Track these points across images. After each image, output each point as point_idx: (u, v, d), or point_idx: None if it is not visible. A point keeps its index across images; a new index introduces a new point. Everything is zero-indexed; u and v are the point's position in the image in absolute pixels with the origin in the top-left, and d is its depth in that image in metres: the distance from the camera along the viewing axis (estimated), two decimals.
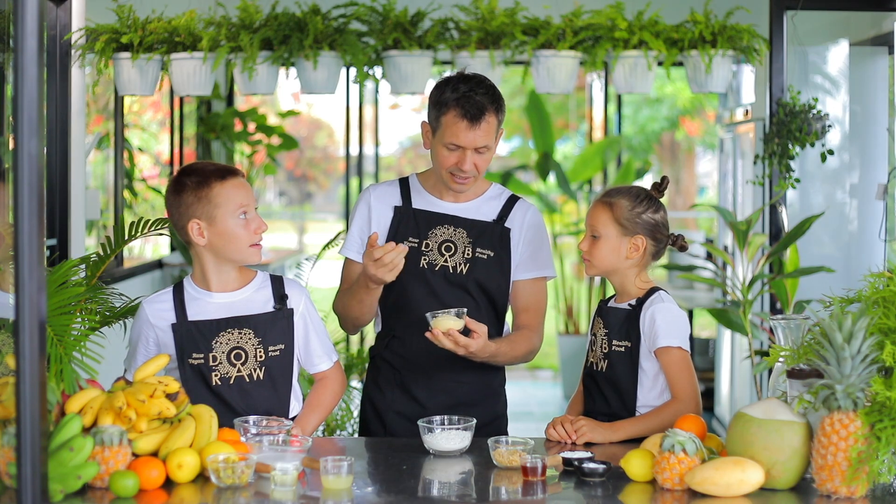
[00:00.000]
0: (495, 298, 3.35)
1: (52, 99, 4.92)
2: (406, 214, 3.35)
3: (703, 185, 16.55)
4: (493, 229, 3.34)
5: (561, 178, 9.43)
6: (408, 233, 3.33)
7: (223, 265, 3.09)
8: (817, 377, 2.56)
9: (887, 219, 5.12)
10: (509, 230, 3.35)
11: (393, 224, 3.35)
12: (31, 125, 2.09)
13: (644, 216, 3.09)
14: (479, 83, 3.23)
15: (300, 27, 4.99)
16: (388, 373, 3.40)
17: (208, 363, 3.04)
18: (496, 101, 3.23)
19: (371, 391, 3.45)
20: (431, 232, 3.33)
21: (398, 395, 3.38)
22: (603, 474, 2.65)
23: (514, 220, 3.36)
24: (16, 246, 2.09)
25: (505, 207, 3.37)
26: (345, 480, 2.56)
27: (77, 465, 2.44)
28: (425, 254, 3.32)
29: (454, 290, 3.31)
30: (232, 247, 3.05)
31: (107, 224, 6.39)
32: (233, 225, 3.03)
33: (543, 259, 3.39)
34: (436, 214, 3.34)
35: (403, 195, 3.37)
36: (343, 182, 12.76)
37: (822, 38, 5.63)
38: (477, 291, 3.32)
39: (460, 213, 3.35)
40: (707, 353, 8.36)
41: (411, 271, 3.28)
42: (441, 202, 3.36)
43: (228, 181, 3.04)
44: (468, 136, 3.19)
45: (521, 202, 3.40)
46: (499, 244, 3.34)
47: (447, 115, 3.20)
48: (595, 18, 4.99)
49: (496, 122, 3.24)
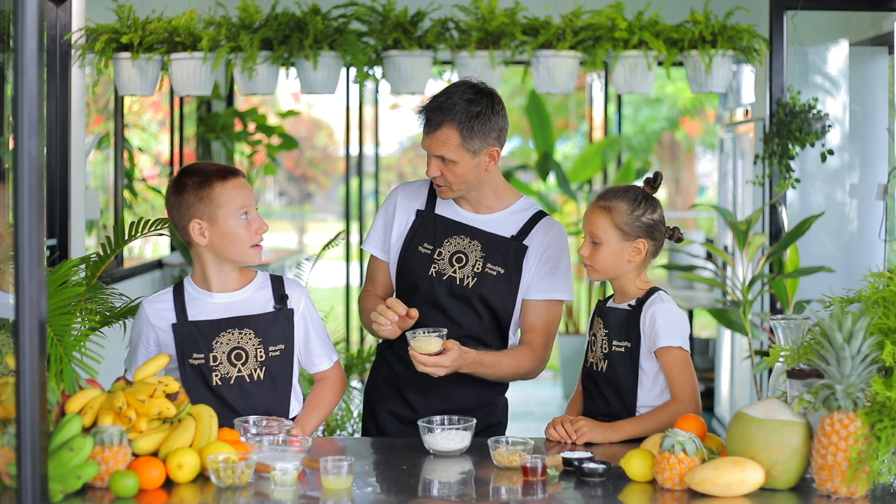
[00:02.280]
0: (499, 314, 3.31)
1: (52, 99, 4.91)
2: (426, 219, 3.34)
3: (703, 185, 16.56)
4: (510, 245, 3.29)
5: (561, 178, 9.44)
6: (424, 238, 3.32)
7: (224, 265, 3.09)
8: (817, 377, 2.56)
9: (887, 219, 5.12)
10: (526, 248, 3.29)
11: (412, 228, 3.35)
12: (31, 125, 2.09)
13: (643, 218, 3.08)
14: (449, 95, 3.20)
15: (300, 27, 4.99)
16: (387, 373, 3.41)
17: (209, 363, 3.04)
18: (455, 118, 3.17)
19: (369, 389, 3.47)
20: (447, 241, 3.31)
21: (392, 396, 3.38)
22: (603, 474, 2.65)
23: (533, 238, 3.30)
24: (16, 246, 2.09)
25: (528, 224, 3.31)
26: (345, 480, 2.56)
27: (77, 465, 2.44)
28: (436, 262, 3.30)
29: (457, 302, 3.29)
30: (233, 247, 3.05)
31: (107, 224, 6.39)
32: (234, 225, 3.03)
33: (559, 281, 3.31)
34: (454, 223, 3.32)
35: (429, 198, 3.37)
36: (343, 182, 12.76)
37: (822, 38, 5.63)
38: (481, 306, 3.29)
39: (479, 225, 3.32)
40: (707, 353, 8.36)
41: (420, 276, 3.30)
42: (463, 211, 3.34)
43: (230, 181, 3.04)
44: (427, 141, 3.23)
45: (547, 220, 3.33)
46: (512, 261, 3.29)
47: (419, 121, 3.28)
48: (595, 18, 4.99)
49: (456, 138, 3.17)
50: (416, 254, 3.32)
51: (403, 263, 3.35)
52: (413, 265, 3.32)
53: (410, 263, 3.33)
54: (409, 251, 3.34)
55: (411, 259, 3.33)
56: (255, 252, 3.08)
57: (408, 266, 3.34)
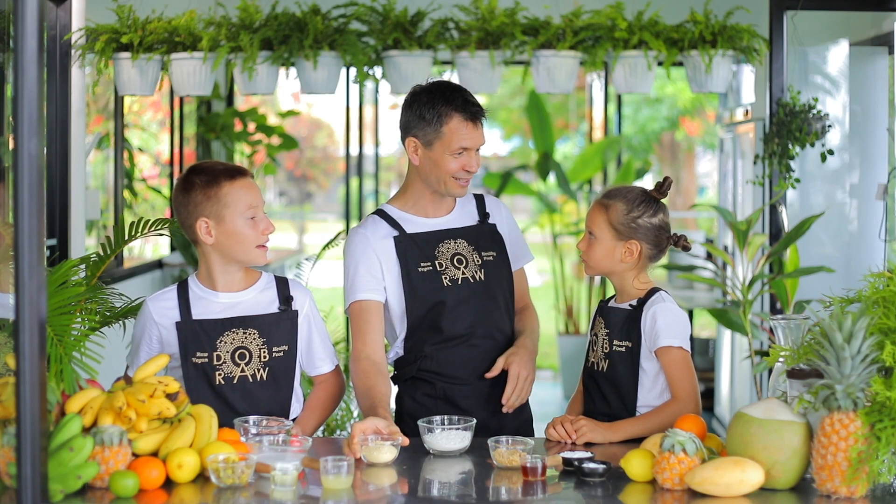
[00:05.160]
0: (507, 297, 3.37)
1: (52, 99, 4.92)
2: (406, 242, 3.28)
3: (703, 185, 16.57)
4: (484, 230, 3.38)
5: (561, 178, 9.44)
6: (417, 260, 3.27)
7: (229, 265, 3.09)
8: (817, 377, 2.56)
9: (887, 219, 5.12)
10: (494, 225, 3.40)
11: (399, 253, 3.26)
12: (31, 125, 2.09)
13: (640, 220, 3.08)
14: (460, 88, 3.29)
15: (300, 27, 4.99)
16: (426, 388, 3.32)
17: (212, 362, 3.04)
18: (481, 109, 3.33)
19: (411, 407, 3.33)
20: (437, 252, 3.30)
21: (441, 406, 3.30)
22: (603, 474, 2.65)
23: (493, 216, 3.42)
24: (16, 246, 2.09)
25: (479, 207, 3.42)
26: (345, 480, 2.56)
27: (77, 465, 2.44)
28: (443, 273, 3.28)
29: (479, 299, 3.29)
30: (239, 247, 3.05)
31: (107, 224, 6.39)
32: (241, 225, 3.04)
33: (524, 245, 3.49)
34: (433, 233, 3.32)
35: (393, 226, 3.30)
36: (343, 182, 12.76)
37: (822, 38, 5.63)
38: (498, 294, 3.33)
39: (451, 225, 3.35)
40: (707, 353, 8.36)
41: (440, 292, 3.26)
42: (429, 220, 3.34)
43: (238, 181, 3.05)
44: (474, 136, 3.24)
45: (488, 197, 3.48)
46: (493, 242, 3.37)
47: (451, 123, 3.21)
48: (595, 18, 4.99)
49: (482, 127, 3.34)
50: (419, 276, 3.26)
51: (414, 291, 3.26)
52: (425, 287, 3.26)
53: (421, 287, 3.26)
54: (412, 277, 3.26)
55: (419, 283, 3.26)
56: (260, 253, 3.08)
57: (421, 290, 3.26)
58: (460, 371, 3.28)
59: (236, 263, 3.09)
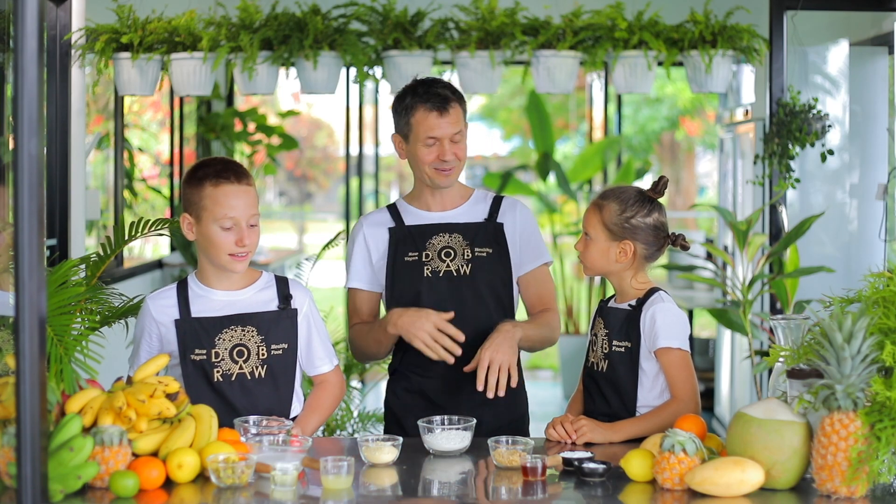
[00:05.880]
0: (500, 295, 3.37)
1: (52, 99, 4.91)
2: (401, 232, 3.38)
3: (703, 185, 16.56)
4: (487, 227, 3.39)
5: (561, 178, 9.44)
6: (407, 248, 3.36)
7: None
8: (817, 377, 2.56)
9: (887, 219, 5.12)
10: (501, 225, 3.40)
11: (391, 244, 3.37)
12: (31, 125, 2.08)
13: (633, 221, 3.08)
14: (434, 81, 3.35)
15: (300, 27, 4.98)
16: (407, 384, 3.39)
17: (210, 359, 3.04)
18: (455, 91, 3.35)
19: (391, 401, 3.45)
20: (429, 242, 3.36)
21: (418, 402, 3.35)
22: (603, 474, 2.65)
23: (505, 217, 3.42)
24: (16, 246, 2.09)
25: (493, 207, 3.43)
26: (345, 480, 2.56)
27: (77, 465, 2.44)
28: (427, 263, 3.34)
29: (461, 294, 3.32)
30: (212, 250, 3.04)
31: (107, 224, 6.39)
32: (214, 231, 3.02)
33: (539, 246, 3.46)
34: (430, 226, 3.38)
35: (395, 218, 3.41)
36: (343, 182, 12.75)
37: (822, 38, 5.63)
38: (485, 291, 3.34)
39: (452, 220, 3.39)
40: (707, 353, 8.36)
41: (417, 282, 3.32)
42: (431, 213, 3.41)
43: (222, 186, 3.01)
44: (441, 124, 3.28)
45: (508, 199, 3.47)
46: (494, 241, 3.38)
47: (416, 115, 3.30)
48: (595, 18, 4.99)
49: (461, 111, 3.34)
50: (404, 265, 3.35)
51: (395, 278, 3.36)
52: (406, 276, 3.34)
53: (402, 275, 3.35)
54: (396, 265, 3.35)
55: (401, 271, 3.35)
56: (230, 261, 3.03)
57: (401, 278, 3.35)
58: (435, 365, 3.28)
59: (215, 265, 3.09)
